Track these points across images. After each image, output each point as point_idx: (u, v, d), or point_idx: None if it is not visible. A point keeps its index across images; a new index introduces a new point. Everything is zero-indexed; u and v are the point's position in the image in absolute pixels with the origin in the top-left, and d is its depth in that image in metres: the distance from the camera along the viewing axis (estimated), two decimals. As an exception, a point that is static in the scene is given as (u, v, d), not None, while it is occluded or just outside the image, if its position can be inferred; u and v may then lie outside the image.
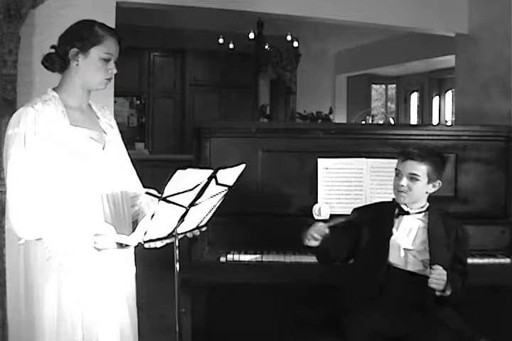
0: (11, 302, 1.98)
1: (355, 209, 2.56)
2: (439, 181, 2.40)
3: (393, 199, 2.44)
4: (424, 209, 2.40)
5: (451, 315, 2.36)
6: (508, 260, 2.76)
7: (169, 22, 7.65)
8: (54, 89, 2.03)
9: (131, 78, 8.31)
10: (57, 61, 1.99)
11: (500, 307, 2.91)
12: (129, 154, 2.21)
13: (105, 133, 2.09)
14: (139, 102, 8.88)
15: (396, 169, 2.41)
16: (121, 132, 2.19)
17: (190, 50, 8.82)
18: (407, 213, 2.39)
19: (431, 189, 2.40)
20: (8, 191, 1.85)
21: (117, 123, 2.21)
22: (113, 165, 2.06)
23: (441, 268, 2.20)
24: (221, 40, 7.68)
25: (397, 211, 2.40)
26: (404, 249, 2.35)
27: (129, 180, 2.15)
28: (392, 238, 2.36)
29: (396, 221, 2.39)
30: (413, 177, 2.34)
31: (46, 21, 3.64)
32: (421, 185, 2.35)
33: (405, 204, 2.39)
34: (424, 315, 2.27)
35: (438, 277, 2.19)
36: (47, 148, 1.89)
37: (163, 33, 8.24)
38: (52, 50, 2.01)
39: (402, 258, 2.35)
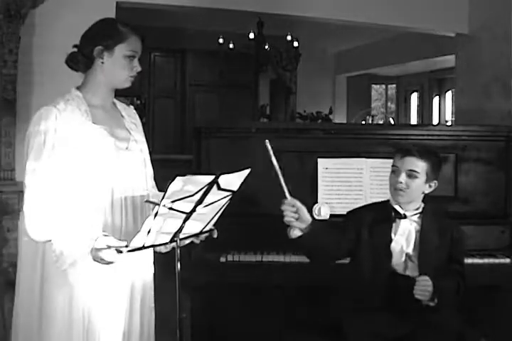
0: (23, 303, 1.97)
1: (349, 212, 2.49)
2: (435, 181, 2.35)
3: (388, 200, 2.40)
4: (420, 210, 2.35)
5: (451, 315, 2.35)
6: (508, 260, 2.76)
7: (169, 22, 7.65)
8: (78, 88, 2.03)
9: (132, 78, 8.29)
10: (82, 60, 2.00)
11: (500, 307, 2.91)
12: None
13: (130, 132, 2.09)
14: (139, 102, 8.88)
15: (393, 166, 2.34)
16: (144, 132, 2.19)
17: (190, 50, 8.82)
18: (404, 216, 2.33)
19: (427, 189, 2.34)
20: (26, 192, 1.86)
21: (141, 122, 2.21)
22: (136, 165, 2.06)
23: (426, 278, 2.17)
24: (221, 40, 7.68)
25: (393, 214, 2.34)
26: (406, 254, 2.32)
27: (150, 182, 2.15)
28: (393, 244, 2.32)
29: (394, 225, 2.34)
30: (412, 174, 2.28)
31: (46, 21, 3.64)
32: (419, 183, 2.29)
33: (400, 206, 2.34)
34: (424, 316, 2.26)
35: (423, 288, 2.16)
36: (67, 148, 1.89)
37: (163, 33, 8.24)
38: (75, 50, 2.02)
39: (401, 263, 2.32)
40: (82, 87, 2.03)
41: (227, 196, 1.91)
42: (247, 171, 1.90)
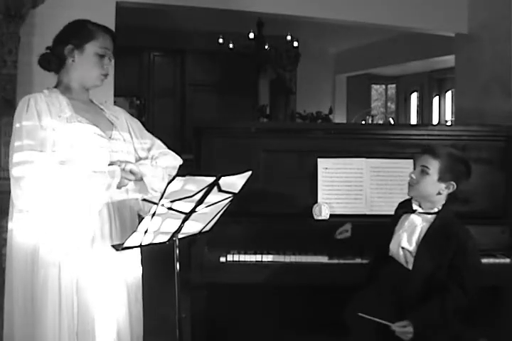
0: (16, 302, 1.97)
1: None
2: (452, 183, 2.34)
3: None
4: (435, 210, 2.36)
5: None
6: (508, 260, 2.75)
7: (169, 22, 7.65)
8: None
9: (131, 78, 8.30)
10: (53, 60, 2.03)
11: (500, 307, 2.90)
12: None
13: (112, 123, 2.13)
14: (138, 102, 8.88)
15: (414, 164, 2.45)
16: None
17: (190, 50, 8.82)
18: (413, 211, 2.38)
19: (443, 189, 2.34)
20: (16, 174, 1.85)
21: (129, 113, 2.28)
22: (120, 154, 2.07)
23: (404, 323, 2.15)
24: (221, 40, 7.68)
25: (407, 209, 2.42)
26: (402, 247, 2.35)
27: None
28: (395, 236, 2.38)
29: (402, 218, 2.40)
30: (424, 170, 2.34)
31: (46, 21, 3.65)
32: (430, 181, 2.33)
33: (419, 204, 2.38)
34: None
35: (403, 334, 2.16)
36: (50, 136, 1.91)
37: (163, 33, 8.24)
38: (48, 51, 2.05)
39: (401, 257, 2.35)
40: (56, 88, 2.07)
41: (228, 198, 1.91)
42: (248, 173, 1.90)
